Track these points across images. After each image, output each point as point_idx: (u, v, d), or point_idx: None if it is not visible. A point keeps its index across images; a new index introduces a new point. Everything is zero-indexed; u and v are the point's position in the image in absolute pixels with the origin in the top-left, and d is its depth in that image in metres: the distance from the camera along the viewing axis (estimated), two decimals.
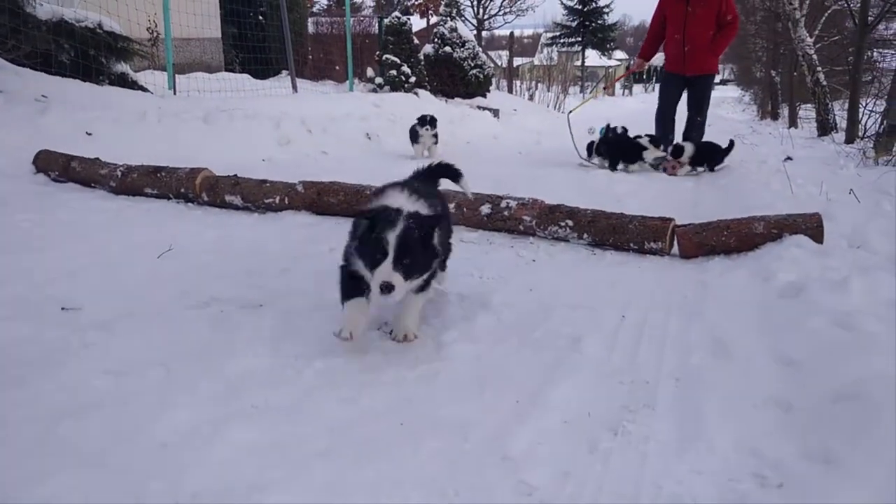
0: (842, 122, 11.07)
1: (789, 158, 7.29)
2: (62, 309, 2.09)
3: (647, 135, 6.45)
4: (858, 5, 9.40)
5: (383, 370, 1.79)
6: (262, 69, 11.06)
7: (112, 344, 1.87)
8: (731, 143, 6.39)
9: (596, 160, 6.44)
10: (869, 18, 9.27)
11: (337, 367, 1.78)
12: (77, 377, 1.67)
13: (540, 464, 1.39)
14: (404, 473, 1.35)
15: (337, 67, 12.73)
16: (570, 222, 3.20)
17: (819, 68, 12.03)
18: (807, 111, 13.84)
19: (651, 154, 6.14)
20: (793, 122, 14.57)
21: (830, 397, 1.53)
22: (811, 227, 2.88)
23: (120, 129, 4.85)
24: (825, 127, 11.44)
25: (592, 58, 38.91)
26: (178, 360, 1.78)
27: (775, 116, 17.83)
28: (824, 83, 11.83)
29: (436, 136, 6.50)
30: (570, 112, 7.06)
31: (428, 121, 6.41)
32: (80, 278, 2.38)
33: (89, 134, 4.62)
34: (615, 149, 6.37)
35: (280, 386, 1.68)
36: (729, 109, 24.67)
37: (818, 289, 2.24)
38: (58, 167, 3.98)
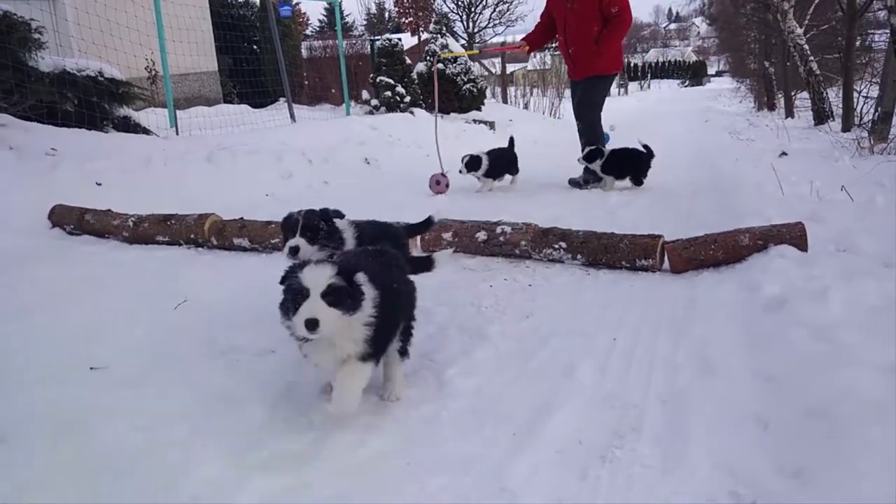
0: (838, 109, 11.17)
1: (784, 154, 7.39)
2: (91, 368, 2.24)
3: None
4: None
5: (389, 412, 1.93)
6: (260, 98, 11.29)
7: (140, 400, 2.01)
8: (649, 151, 5.74)
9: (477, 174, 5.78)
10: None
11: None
12: (111, 436, 1.81)
13: (535, 493, 1.53)
14: None
15: (332, 90, 12.93)
16: (563, 244, 3.33)
17: (811, 58, 12.12)
18: (803, 100, 13.90)
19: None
20: (789, 113, 14.65)
21: (804, 413, 1.66)
22: (795, 236, 3.00)
23: (127, 177, 5.02)
24: (821, 116, 11.53)
25: None
26: (201, 412, 1.93)
27: (772, 107, 17.91)
28: (817, 72, 11.92)
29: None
30: (439, 60, 6.30)
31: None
32: (103, 335, 2.53)
33: (99, 184, 4.80)
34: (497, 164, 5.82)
35: (295, 433, 1.81)
36: (725, 102, 24.73)
37: (800, 301, 2.36)
38: (72, 221, 4.15)
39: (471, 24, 19.24)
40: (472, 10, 19.42)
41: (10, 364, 2.30)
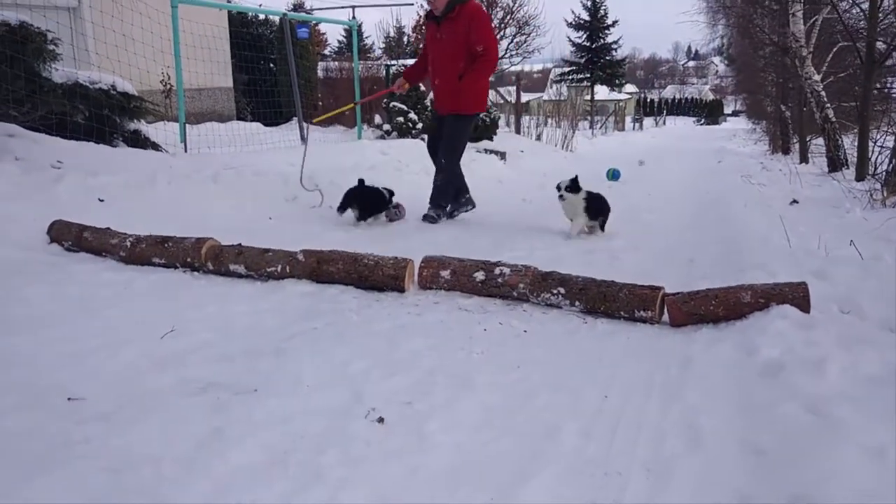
0: (852, 157, 11.12)
1: (795, 202, 7.34)
2: (68, 399, 2.19)
3: None
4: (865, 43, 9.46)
5: (366, 464, 1.86)
6: (274, 117, 11.36)
7: (111, 438, 1.96)
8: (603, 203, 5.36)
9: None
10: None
11: (321, 461, 1.86)
12: (76, 475, 1.76)
13: None
14: None
15: (346, 113, 13.00)
16: (562, 290, 3.28)
17: (828, 104, 12.10)
18: (818, 146, 13.86)
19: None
20: (804, 158, 14.60)
21: (788, 496, 1.59)
22: (798, 297, 2.93)
23: (131, 193, 5.02)
24: (835, 163, 11.48)
25: (602, 92, 39.32)
26: (172, 455, 1.87)
27: (786, 151, 17.86)
28: (833, 119, 11.89)
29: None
30: (315, 122, 6.34)
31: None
32: (84, 363, 2.49)
33: (101, 200, 4.80)
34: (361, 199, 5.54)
35: (266, 484, 1.75)
36: (740, 143, 24.73)
37: (797, 368, 2.30)
38: (71, 237, 4.13)
39: None
40: None
41: None
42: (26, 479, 1.74)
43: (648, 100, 62.67)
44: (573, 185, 5.12)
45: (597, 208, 5.29)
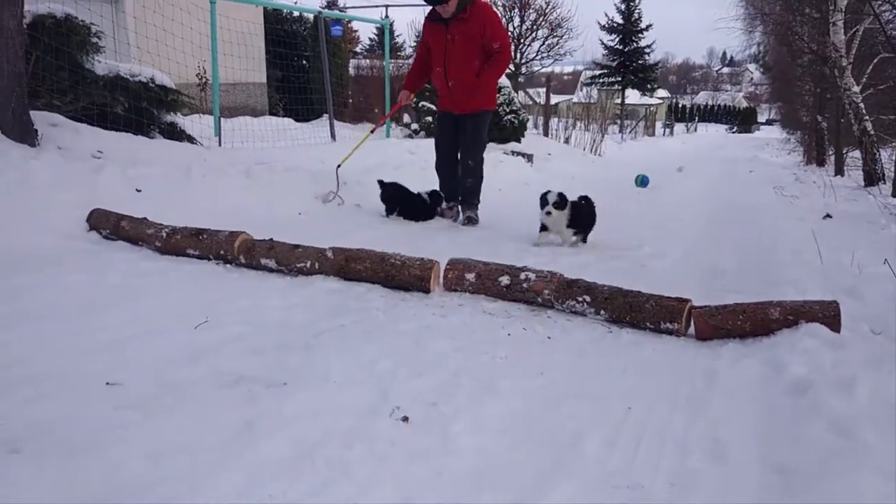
0: (890, 172, 10.92)
1: (829, 216, 7.23)
2: (107, 384, 2.27)
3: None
4: None
5: (391, 462, 1.90)
6: (305, 112, 11.49)
7: (150, 424, 2.03)
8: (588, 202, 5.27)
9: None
10: None
11: (348, 458, 1.90)
12: (118, 460, 1.83)
13: None
14: None
15: (376, 110, 13.09)
16: (587, 298, 3.29)
17: (866, 117, 11.89)
18: (854, 159, 13.62)
19: None
20: (839, 170, 14.36)
21: None
22: (828, 315, 2.90)
23: (167, 185, 5.13)
24: (872, 177, 11.30)
25: (633, 96, 38.99)
26: (206, 445, 1.93)
27: (821, 163, 17.58)
28: (872, 132, 11.69)
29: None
30: (339, 166, 6.18)
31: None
32: (122, 350, 2.57)
33: (139, 191, 4.91)
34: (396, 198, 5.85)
35: (297, 476, 1.80)
36: (773, 153, 24.37)
37: (824, 388, 2.29)
38: (109, 226, 4.25)
39: (518, 55, 19.33)
40: (522, 41, 19.53)
41: (31, 370, 2.35)
42: (69, 462, 1.81)
43: (680, 105, 62.02)
44: (561, 202, 4.94)
45: (581, 223, 5.15)
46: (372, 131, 7.01)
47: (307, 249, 3.79)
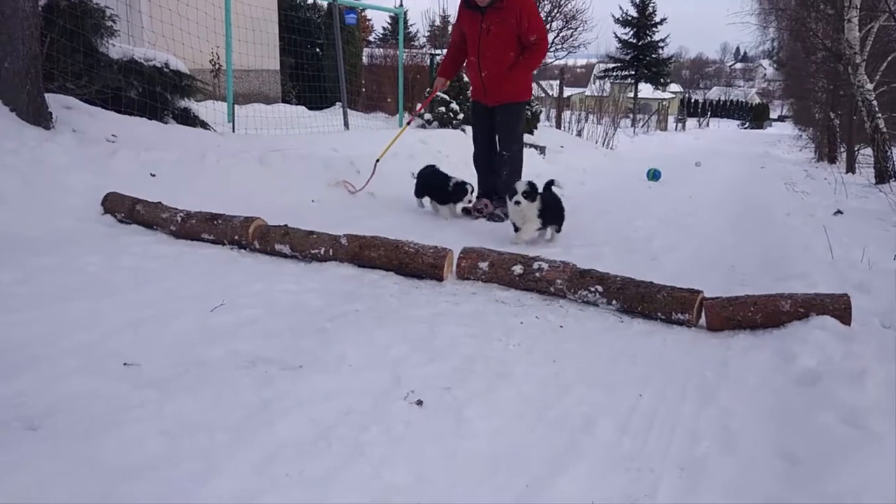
0: None
1: (840, 212, 7.21)
2: (124, 364, 2.31)
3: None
4: None
5: (406, 444, 1.93)
6: (318, 100, 11.49)
7: (167, 403, 2.07)
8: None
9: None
10: None
11: (364, 440, 1.94)
12: (135, 437, 1.86)
13: None
14: None
15: (388, 99, 13.08)
16: (599, 288, 3.31)
17: (879, 115, 11.81)
18: (866, 156, 13.54)
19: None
20: (850, 167, 14.28)
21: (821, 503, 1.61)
22: (839, 308, 2.91)
23: (181, 170, 5.17)
24: (883, 175, 11.24)
25: (646, 90, 38.78)
26: (222, 424, 1.97)
27: (833, 160, 17.48)
28: (884, 130, 11.62)
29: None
30: (377, 160, 6.11)
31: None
32: (139, 331, 2.60)
33: (153, 175, 4.95)
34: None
35: (313, 456, 1.83)
36: (785, 149, 24.23)
37: (834, 379, 2.30)
38: (124, 209, 4.29)
39: None
40: None
41: (50, 349, 2.38)
42: (85, 439, 1.84)
43: (692, 100, 61.66)
44: (531, 192, 4.70)
45: (552, 214, 4.94)
46: (408, 122, 6.99)
47: (321, 236, 3.82)
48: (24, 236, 3.78)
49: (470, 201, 5.72)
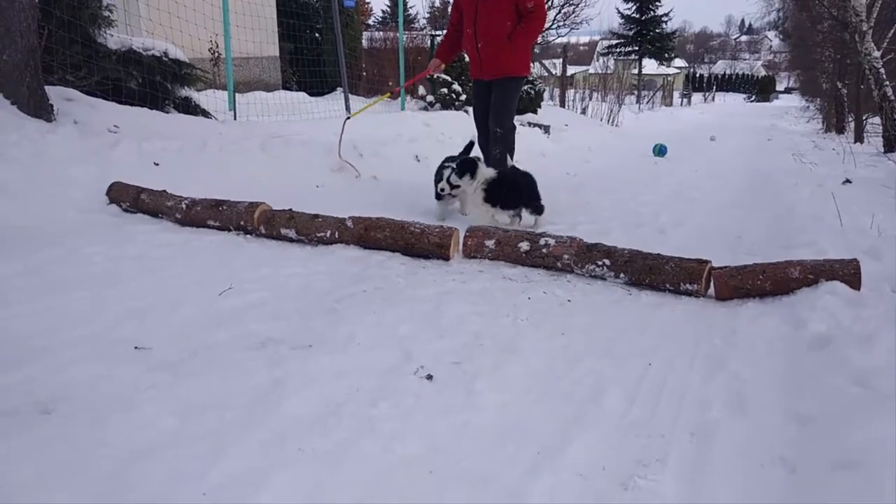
0: None
1: (848, 181, 7.14)
2: (135, 348, 2.32)
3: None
4: None
5: (417, 417, 1.94)
6: (318, 85, 11.45)
7: (177, 385, 2.08)
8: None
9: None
10: None
11: (374, 414, 1.95)
12: (147, 418, 1.88)
13: None
14: None
15: (390, 83, 13.01)
16: (607, 261, 3.29)
17: (886, 83, 11.66)
18: (874, 125, 13.39)
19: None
20: (858, 137, 14.13)
21: (833, 462, 1.61)
22: (848, 273, 2.89)
23: (184, 158, 5.16)
24: (892, 143, 11.13)
25: (650, 66, 38.40)
26: (233, 403, 1.98)
27: (841, 130, 17.29)
28: (892, 97, 11.47)
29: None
30: (348, 118, 5.73)
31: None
32: (148, 317, 2.61)
33: (156, 164, 4.95)
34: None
35: (323, 433, 1.84)
36: (792, 121, 24.00)
37: (845, 342, 2.29)
38: (128, 199, 4.29)
39: None
40: None
41: (59, 338, 2.39)
42: (103, 420, 1.86)
43: (698, 75, 61.08)
44: (465, 167, 4.00)
45: (511, 195, 4.25)
46: (391, 94, 6.74)
47: (327, 219, 3.81)
48: (30, 228, 3.79)
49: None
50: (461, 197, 4.34)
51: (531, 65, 6.72)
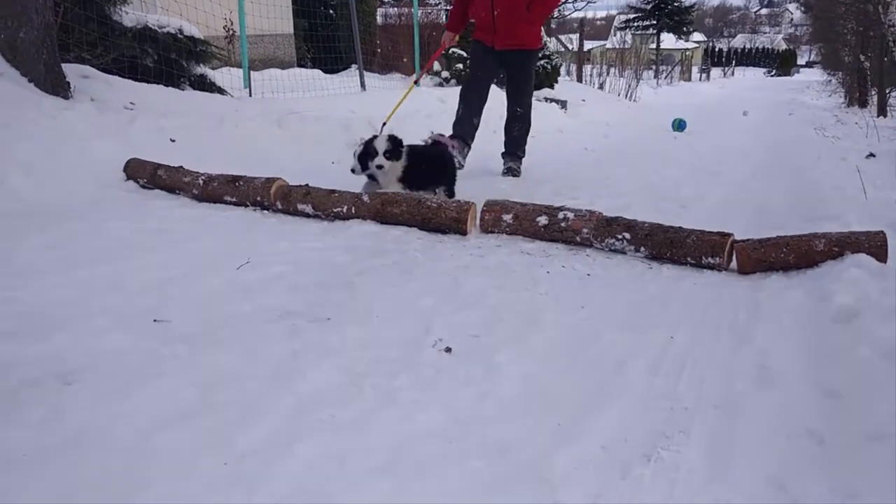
0: None
1: (872, 155, 7.01)
2: (154, 321, 2.33)
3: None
4: None
5: (437, 388, 1.94)
6: (333, 63, 11.38)
7: (198, 357, 2.09)
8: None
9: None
10: None
11: (394, 385, 1.94)
12: (169, 389, 1.89)
13: (575, 486, 1.51)
14: (449, 492, 1.49)
15: (405, 59, 12.92)
16: (627, 235, 3.25)
17: None
18: None
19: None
20: (882, 111, 13.83)
21: (863, 434, 1.59)
22: (875, 245, 2.84)
23: (200, 135, 5.17)
24: None
25: (668, 41, 37.77)
26: (254, 374, 1.98)
27: (863, 104, 16.92)
28: None
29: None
30: (384, 124, 5.22)
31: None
32: (168, 290, 2.62)
33: (173, 140, 4.95)
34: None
35: (344, 403, 1.84)
36: (813, 95, 23.53)
37: (872, 315, 2.25)
38: (146, 175, 4.30)
39: None
40: None
41: (82, 309, 2.41)
42: (123, 391, 1.87)
43: (717, 49, 60.06)
44: (393, 150, 3.90)
45: (425, 175, 4.10)
46: (416, 82, 6.75)
47: (343, 194, 3.80)
48: (51, 204, 3.81)
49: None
50: (378, 174, 4.04)
51: (548, 39, 6.62)
